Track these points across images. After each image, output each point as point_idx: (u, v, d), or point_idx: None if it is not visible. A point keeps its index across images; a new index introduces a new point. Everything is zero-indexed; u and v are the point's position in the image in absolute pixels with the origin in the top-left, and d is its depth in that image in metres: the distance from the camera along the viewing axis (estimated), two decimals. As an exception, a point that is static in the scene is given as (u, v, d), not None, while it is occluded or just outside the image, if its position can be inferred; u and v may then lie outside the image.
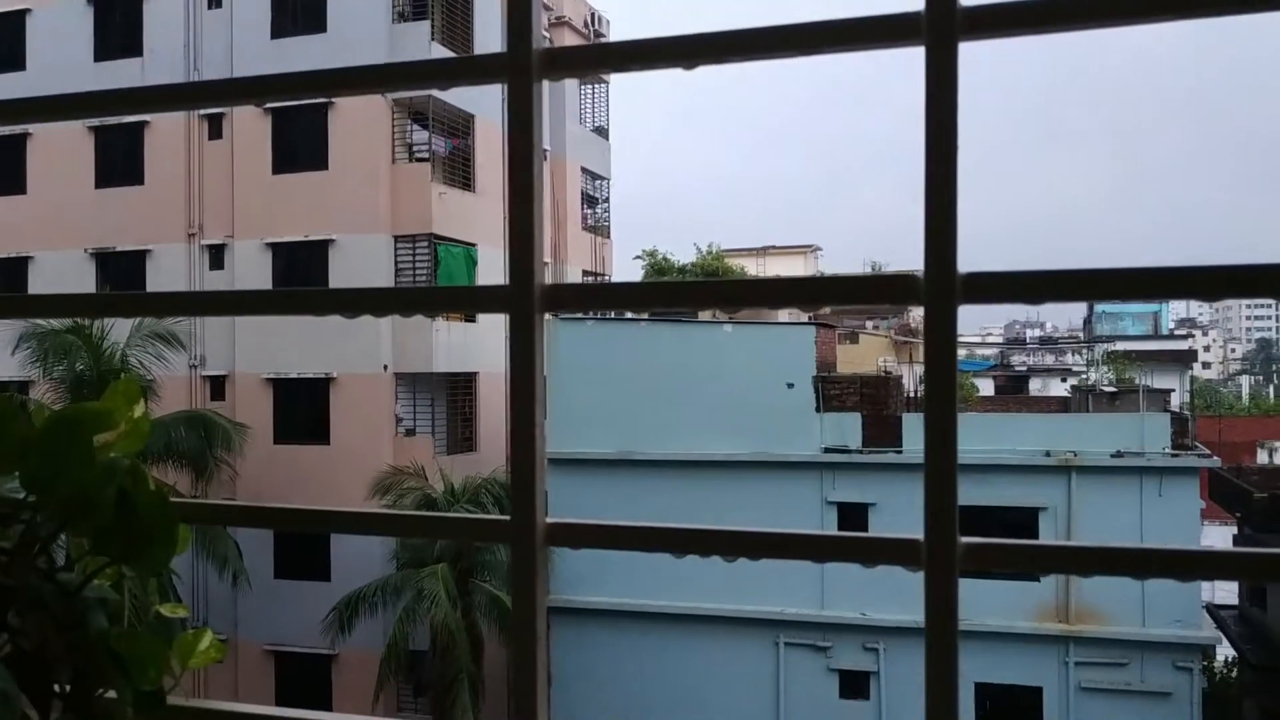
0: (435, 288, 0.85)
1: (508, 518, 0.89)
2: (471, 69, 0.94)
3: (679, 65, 0.91)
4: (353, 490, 21.71)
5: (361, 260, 23.59)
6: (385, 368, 23.40)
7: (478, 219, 25.68)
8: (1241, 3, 0.79)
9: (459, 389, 25.25)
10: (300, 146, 24.29)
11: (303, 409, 24.35)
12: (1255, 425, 51.86)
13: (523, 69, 0.89)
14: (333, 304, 0.96)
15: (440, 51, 23.92)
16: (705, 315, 23.10)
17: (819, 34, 0.84)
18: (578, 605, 22.16)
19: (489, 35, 26.05)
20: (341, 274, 23.64)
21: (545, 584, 0.88)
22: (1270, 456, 44.47)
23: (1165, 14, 0.78)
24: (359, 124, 23.52)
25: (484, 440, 25.71)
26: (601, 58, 0.92)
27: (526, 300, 0.86)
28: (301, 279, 24.18)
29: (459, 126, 25.44)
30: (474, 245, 25.16)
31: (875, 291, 0.84)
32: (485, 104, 25.83)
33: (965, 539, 0.81)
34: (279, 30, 24.51)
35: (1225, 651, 29.30)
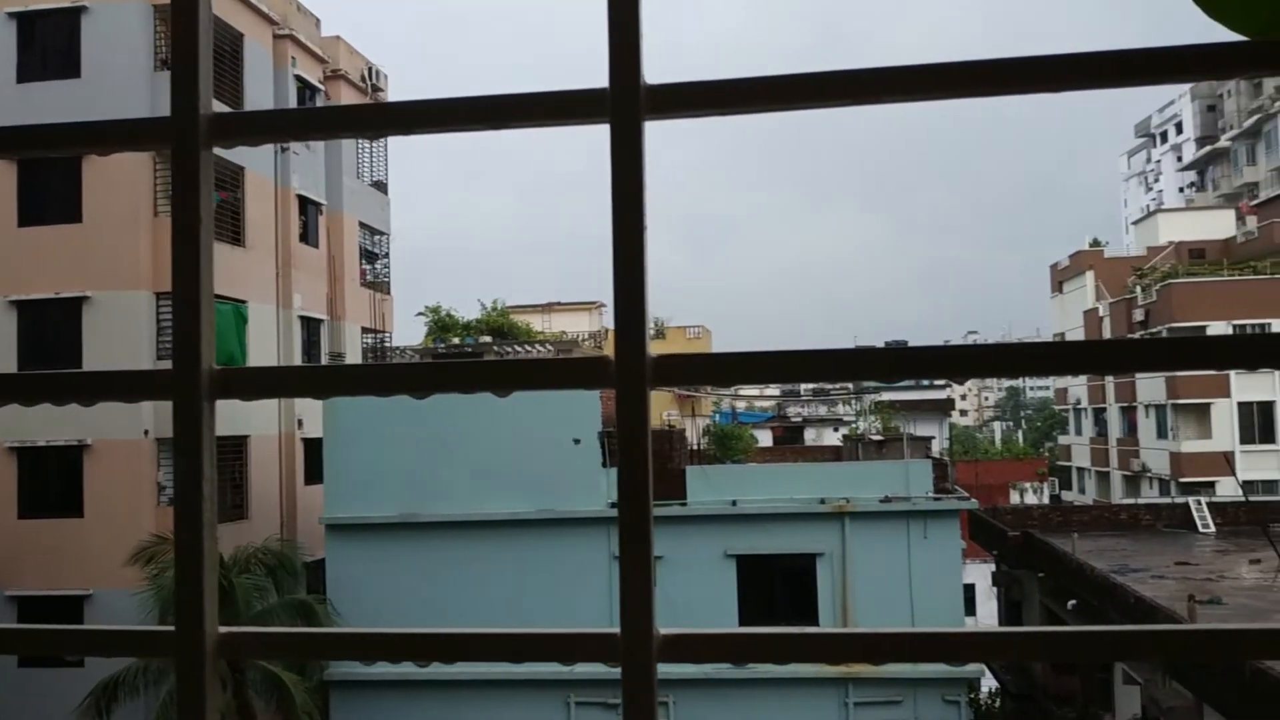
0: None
1: (170, 628, 0.80)
2: (136, 134, 0.85)
3: (366, 136, 0.87)
4: (110, 563, 20.18)
5: (120, 318, 22.15)
6: (146, 433, 21.95)
7: (248, 274, 24.65)
8: (917, 94, 0.81)
9: (229, 454, 23.97)
10: (51, 198, 22.69)
11: (53, 480, 22.50)
12: (1007, 468, 55.79)
13: (188, 134, 0.82)
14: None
15: (207, 102, 22.97)
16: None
17: (506, 108, 0.81)
18: (357, 677, 21.27)
19: (259, 86, 25.25)
20: (97, 333, 22.13)
21: (217, 704, 0.79)
22: (1021, 497, 47.87)
23: (842, 101, 0.79)
24: (117, 174, 22.21)
25: (256, 507, 24.48)
26: (272, 126, 0.85)
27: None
28: (52, 338, 22.47)
29: (228, 179, 24.45)
30: (244, 302, 24.10)
31: (568, 376, 0.81)
32: (256, 156, 24.95)
33: (664, 630, 0.78)
34: (25, 74, 22.95)
35: (990, 683, 31.12)
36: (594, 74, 0.86)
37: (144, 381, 0.82)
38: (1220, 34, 0.81)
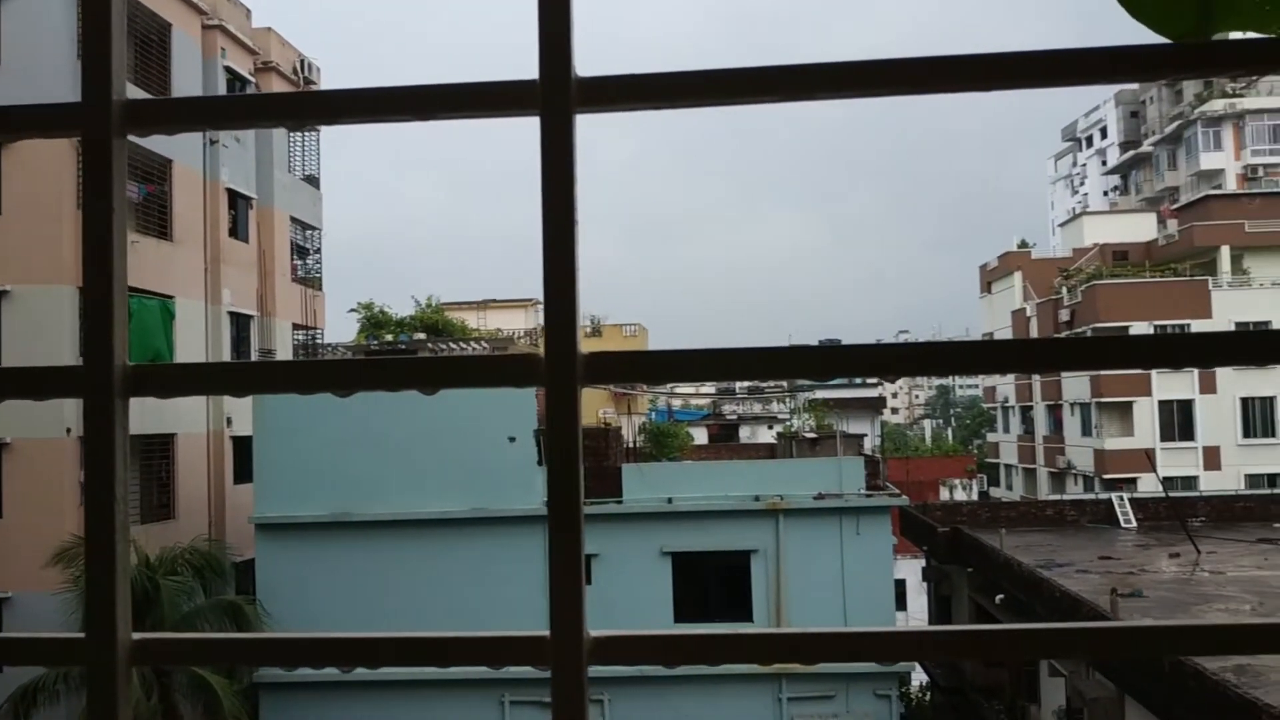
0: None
1: (81, 634, 0.77)
2: (44, 120, 0.82)
3: (289, 125, 0.84)
4: (30, 565, 19.62)
5: (41, 313, 21.54)
6: (69, 431, 21.38)
7: (176, 269, 24.13)
8: (850, 90, 0.80)
9: (155, 452, 23.45)
10: (-35, 189, 21.99)
11: (-33, 480, 21.81)
12: (937, 465, 56.75)
13: (100, 120, 0.78)
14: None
15: (132, 91, 22.41)
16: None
17: (433, 98, 0.79)
18: (288, 679, 20.95)
19: (187, 77, 24.72)
20: (16, 328, 21.49)
21: (129, 714, 0.76)
22: (951, 493, 48.71)
23: (776, 96, 0.78)
24: (38, 165, 21.58)
25: (183, 507, 23.97)
26: (190, 113, 0.82)
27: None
28: (-33, 334, 21.77)
29: (154, 171, 23.90)
30: (171, 297, 23.59)
31: (498, 374, 0.79)
32: (184, 149, 24.43)
33: (594, 632, 0.77)
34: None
35: (920, 677, 31.60)
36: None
37: (53, 378, 0.79)
38: (1148, 38, 0.82)
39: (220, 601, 20.22)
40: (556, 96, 0.76)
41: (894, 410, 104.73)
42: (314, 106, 0.84)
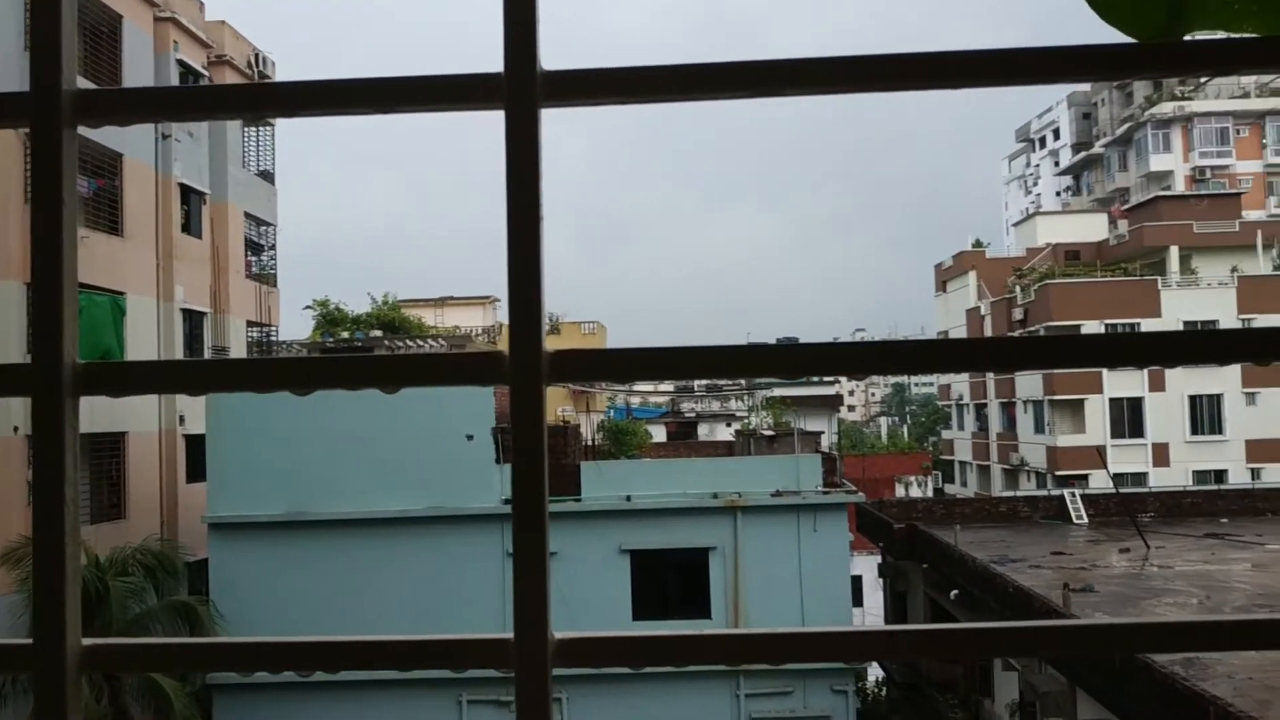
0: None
1: (28, 640, 0.74)
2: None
3: (244, 118, 0.82)
4: (-25, 569, 19.20)
5: (-13, 310, 21.10)
6: (15, 430, 20.96)
7: (127, 265, 23.74)
8: (812, 87, 0.80)
9: (105, 451, 23.06)
10: (-91, 182, 21.48)
11: (-90, 479, 21.30)
12: (893, 462, 57.24)
13: (48, 111, 0.76)
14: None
15: (82, 83, 22.00)
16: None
17: (394, 91, 0.78)
18: (241, 681, 20.69)
19: (138, 70, 24.34)
20: (-39, 325, 21.02)
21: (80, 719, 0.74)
22: (906, 490, 49.16)
23: (739, 93, 0.78)
24: (-16, 159, 21.14)
25: (134, 506, 23.60)
26: (141, 104, 0.80)
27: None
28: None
29: (105, 165, 23.49)
30: (122, 294, 23.20)
31: (461, 372, 0.78)
32: (136, 143, 24.04)
33: (559, 634, 0.75)
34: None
35: (876, 672, 31.87)
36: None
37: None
38: (1114, 37, 0.82)
39: (173, 602, 19.93)
40: (521, 90, 0.75)
41: (851, 408, 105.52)
42: (271, 99, 0.82)
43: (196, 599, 20.75)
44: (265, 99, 0.82)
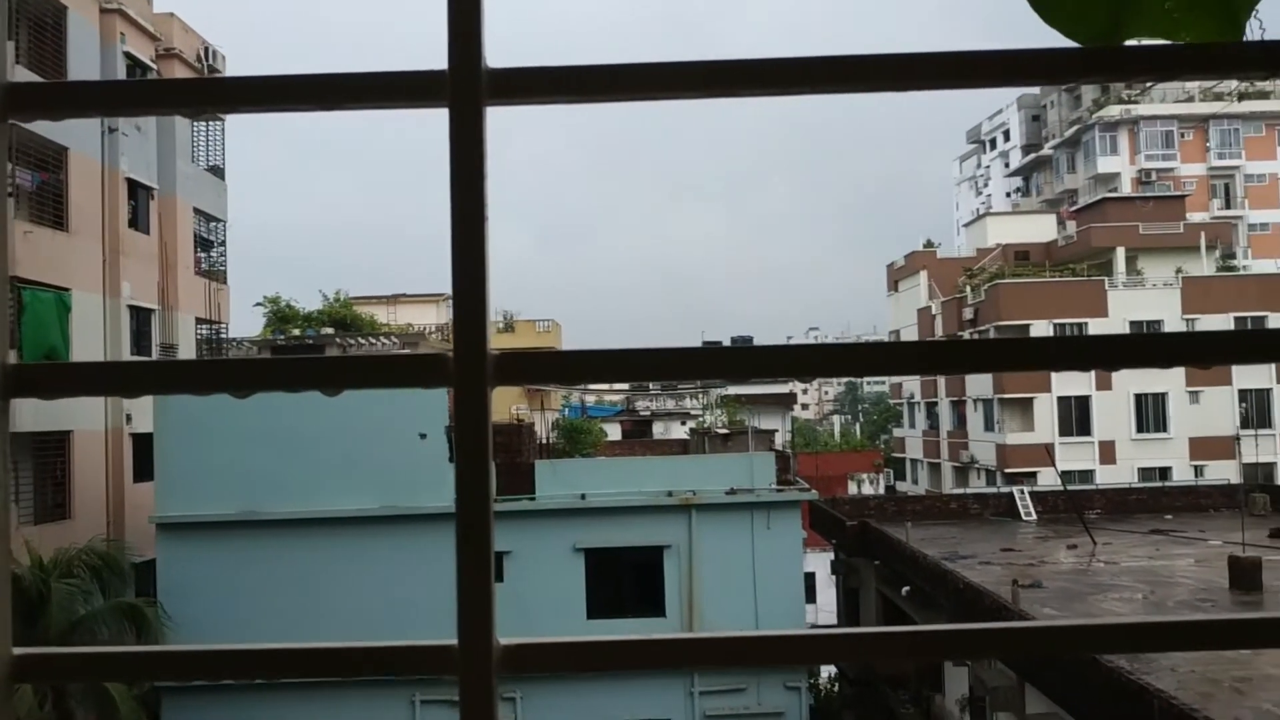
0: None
1: (-45, 654, 0.72)
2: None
3: (185, 113, 0.80)
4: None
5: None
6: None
7: (72, 261, 23.30)
8: (762, 88, 0.79)
9: (50, 450, 22.61)
10: None
11: None
12: (845, 460, 57.68)
13: (-24, 106, 0.74)
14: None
15: (25, 75, 21.57)
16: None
17: (337, 88, 0.76)
18: (188, 684, 20.40)
19: (84, 63, 23.88)
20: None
21: (7, 732, 0.72)
22: (859, 488, 49.58)
23: (688, 93, 0.77)
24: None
25: (80, 506, 23.17)
26: (79, 98, 0.78)
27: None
28: None
29: (50, 159, 23.03)
30: (67, 290, 22.77)
31: (404, 374, 0.77)
32: (81, 136, 23.59)
33: (504, 640, 0.74)
34: None
35: (829, 668, 32.12)
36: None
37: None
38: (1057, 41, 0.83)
39: (119, 604, 19.58)
40: (466, 88, 0.74)
41: (804, 406, 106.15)
42: (212, 94, 0.80)
43: (143, 601, 20.42)
44: (204, 95, 0.80)
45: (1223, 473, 39.86)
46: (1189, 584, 21.16)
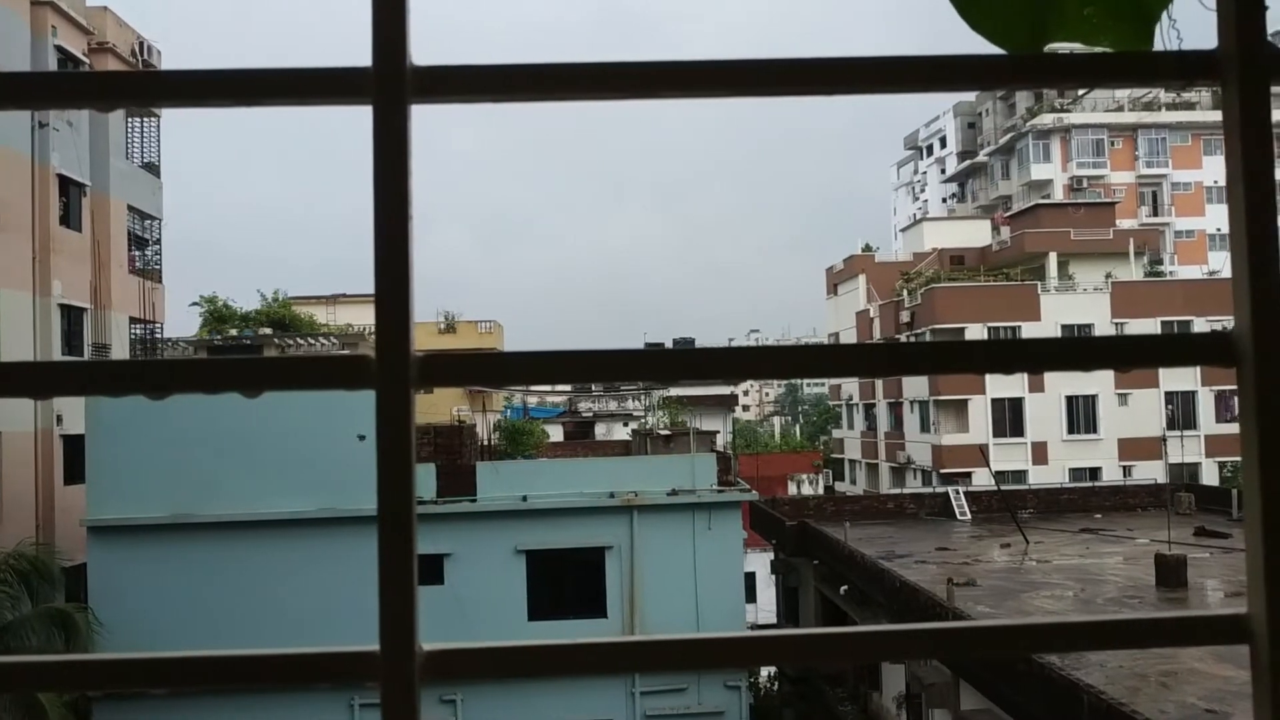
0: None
1: None
2: None
3: (100, 107, 0.78)
4: None
5: None
6: None
7: (1, 259, 22.70)
8: (696, 90, 0.79)
9: (-26, 452, 22.03)
10: None
11: None
12: (786, 460, 58.07)
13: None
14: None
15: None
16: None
17: (258, 84, 0.74)
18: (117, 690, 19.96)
19: (13, 56, 23.29)
20: None
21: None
22: (799, 488, 49.94)
23: (621, 94, 0.77)
24: None
25: (8, 509, 22.58)
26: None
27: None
28: None
29: (-26, 154, 22.43)
30: (-7, 288, 22.19)
31: (323, 376, 0.75)
32: (9, 130, 23.00)
33: (428, 646, 0.73)
34: None
35: (768, 667, 32.30)
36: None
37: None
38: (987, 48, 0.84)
39: (48, 609, 19.10)
40: (390, 86, 0.72)
41: (745, 407, 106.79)
42: (130, 88, 0.78)
43: (74, 606, 19.93)
44: (124, 89, 0.78)
45: (1150, 473, 40.83)
46: (1118, 581, 21.64)
